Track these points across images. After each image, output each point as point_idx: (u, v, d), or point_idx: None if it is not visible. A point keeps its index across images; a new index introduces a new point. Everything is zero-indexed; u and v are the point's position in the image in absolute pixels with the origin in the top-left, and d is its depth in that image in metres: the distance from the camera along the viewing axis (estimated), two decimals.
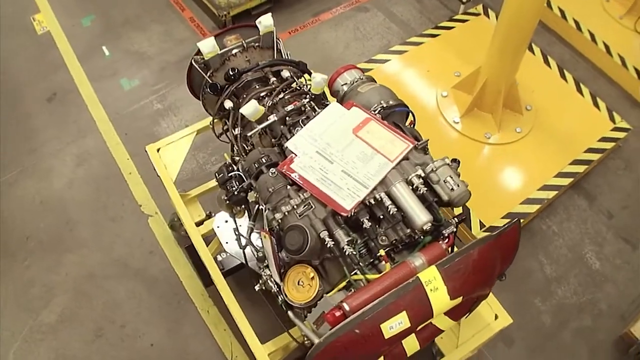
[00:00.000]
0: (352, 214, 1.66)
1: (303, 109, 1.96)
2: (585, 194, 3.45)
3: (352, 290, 1.66)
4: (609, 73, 3.92)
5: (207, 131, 2.85)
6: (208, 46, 2.11)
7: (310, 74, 2.25)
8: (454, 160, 1.82)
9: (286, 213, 1.70)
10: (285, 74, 2.17)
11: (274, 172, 1.78)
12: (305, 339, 1.81)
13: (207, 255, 2.43)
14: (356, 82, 1.99)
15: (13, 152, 3.61)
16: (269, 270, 1.84)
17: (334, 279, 1.73)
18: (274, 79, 2.12)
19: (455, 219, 1.81)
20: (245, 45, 2.22)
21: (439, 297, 1.54)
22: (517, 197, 3.23)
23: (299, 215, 1.68)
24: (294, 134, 1.86)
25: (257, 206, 1.89)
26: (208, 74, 2.21)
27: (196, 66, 2.22)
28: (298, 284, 1.77)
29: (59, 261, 3.21)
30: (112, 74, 4.05)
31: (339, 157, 1.75)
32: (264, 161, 1.81)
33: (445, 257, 1.59)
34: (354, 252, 1.63)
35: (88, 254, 3.25)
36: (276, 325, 2.08)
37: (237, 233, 1.94)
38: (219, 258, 2.69)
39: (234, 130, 2.05)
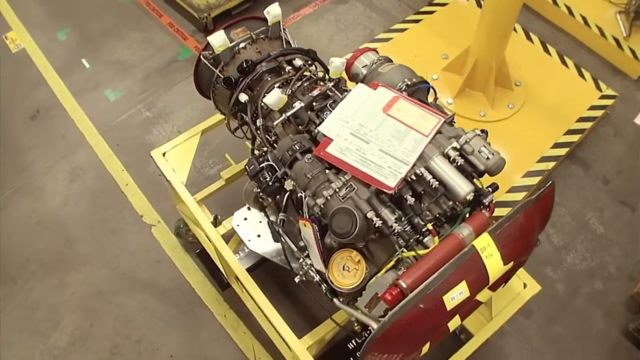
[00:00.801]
0: (396, 191, 1.65)
1: (329, 93, 1.94)
2: (581, 163, 3.54)
3: (401, 269, 1.65)
4: (588, 44, 4.04)
5: (204, 134, 2.81)
6: (219, 39, 2.06)
7: (319, 61, 2.23)
8: (482, 130, 1.83)
9: (328, 197, 1.67)
10: (298, 62, 2.15)
11: (310, 158, 1.76)
12: (356, 324, 1.79)
13: (230, 255, 2.38)
14: (375, 63, 1.98)
15: (2, 174, 3.47)
16: (310, 259, 1.82)
17: (379, 260, 1.72)
18: (290, 67, 2.10)
19: (489, 188, 1.82)
20: (254, 37, 2.19)
21: (494, 264, 1.55)
22: (519, 171, 3.29)
23: (342, 199, 1.66)
24: (322, 119, 1.84)
25: (286, 196, 1.86)
26: (219, 68, 2.17)
27: (206, 62, 2.17)
28: (343, 269, 1.75)
29: (63, 281, 3.10)
30: (95, 86, 3.94)
31: (373, 136, 1.74)
32: (298, 148, 1.78)
33: (492, 224, 1.61)
34: (404, 229, 1.62)
35: (93, 271, 3.14)
36: (301, 322, 2.05)
37: (273, 227, 1.90)
38: (237, 258, 2.65)
39: (256, 122, 2.02)
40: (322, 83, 2.05)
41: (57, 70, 3.99)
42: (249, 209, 2.53)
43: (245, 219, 2.50)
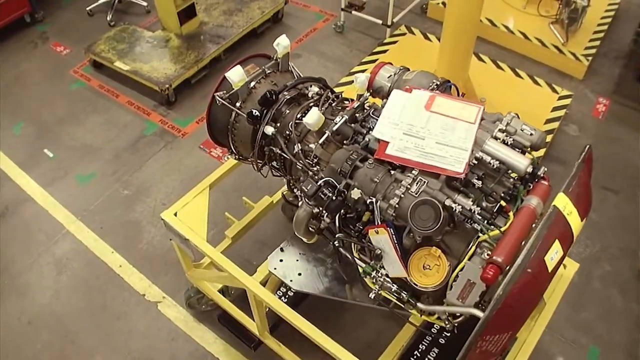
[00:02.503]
0: (465, 176, 1.68)
1: (367, 105, 1.97)
2: (557, 160, 3.75)
3: (483, 253, 1.65)
4: (532, 56, 4.40)
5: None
6: (237, 74, 2.06)
7: (330, 87, 2.27)
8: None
9: (401, 195, 1.66)
10: (315, 89, 2.19)
11: (371, 163, 1.76)
12: (447, 320, 1.75)
13: (274, 299, 2.27)
14: (397, 73, 2.05)
15: None
16: (384, 269, 1.78)
17: (457, 251, 1.70)
18: (313, 91, 2.13)
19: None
20: (266, 71, 2.21)
21: (574, 220, 1.59)
22: None
23: (416, 194, 1.66)
24: (369, 128, 1.86)
25: (339, 213, 1.83)
26: (237, 106, 2.15)
27: (223, 101, 2.14)
28: (424, 268, 1.72)
29: None
30: (64, 174, 3.75)
31: (426, 132, 1.77)
32: (356, 156, 1.77)
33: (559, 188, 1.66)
34: (482, 210, 1.64)
35: None
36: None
37: (338, 247, 1.85)
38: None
39: (292, 150, 1.99)
40: (346, 102, 2.08)
41: (19, 165, 3.77)
42: (281, 250, 2.45)
43: (281, 260, 2.42)
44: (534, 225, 1.66)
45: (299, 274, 2.35)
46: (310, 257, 2.43)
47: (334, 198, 1.76)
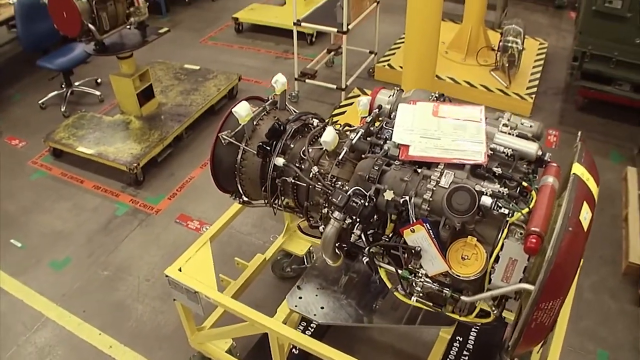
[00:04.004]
0: (486, 163, 1.79)
1: (379, 119, 2.07)
2: None
3: (515, 234, 1.72)
4: (479, 101, 4.70)
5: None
6: (244, 109, 2.11)
7: (324, 120, 2.37)
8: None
9: (433, 189, 1.74)
10: (315, 120, 2.28)
11: (398, 165, 1.83)
12: (493, 306, 1.77)
13: (301, 335, 2.20)
14: (395, 93, 2.19)
15: None
16: (423, 269, 1.81)
17: (490, 237, 1.76)
18: (315, 122, 2.21)
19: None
20: (267, 108, 2.29)
21: (592, 185, 1.71)
22: None
23: (447, 186, 1.73)
24: (385, 138, 1.95)
25: (366, 226, 1.87)
26: (244, 143, 2.19)
27: (229, 139, 2.17)
28: (462, 259, 1.76)
29: None
30: (36, 262, 3.54)
31: (440, 133, 1.88)
32: (382, 162, 1.84)
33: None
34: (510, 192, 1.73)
35: None
36: None
37: (373, 255, 1.88)
38: None
39: (307, 173, 2.04)
40: (351, 127, 2.18)
41: None
42: (298, 288, 2.42)
43: (300, 297, 2.37)
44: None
45: (322, 308, 2.31)
46: (329, 291, 2.40)
47: (366, 205, 1.80)
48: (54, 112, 5.02)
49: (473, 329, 2.78)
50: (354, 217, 1.83)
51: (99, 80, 5.45)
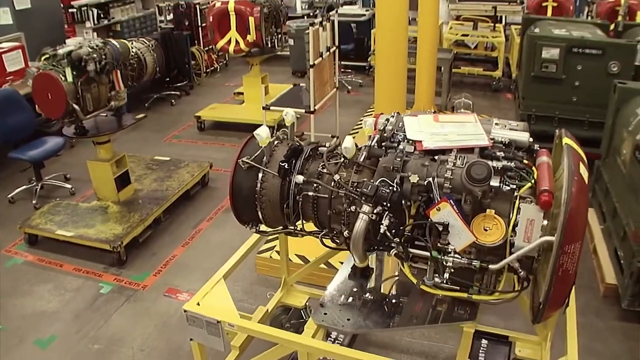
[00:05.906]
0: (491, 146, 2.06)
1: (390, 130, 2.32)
2: None
3: (526, 202, 1.96)
4: None
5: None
6: (265, 132, 2.30)
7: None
8: None
9: (452, 169, 1.97)
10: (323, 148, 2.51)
11: (417, 156, 2.06)
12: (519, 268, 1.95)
13: (335, 347, 2.24)
14: (394, 115, 2.46)
15: None
16: (452, 244, 1.98)
17: (505, 210, 1.98)
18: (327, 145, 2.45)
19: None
20: (281, 137, 2.50)
21: (580, 150, 2.00)
22: None
23: (462, 166, 1.97)
24: (397, 141, 2.19)
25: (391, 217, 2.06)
26: (264, 165, 2.36)
27: (249, 162, 2.34)
28: (485, 230, 1.96)
29: None
30: (19, 341, 3.34)
31: (447, 131, 2.16)
32: (403, 154, 2.07)
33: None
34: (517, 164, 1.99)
35: None
36: None
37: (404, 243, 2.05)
38: None
39: (331, 182, 2.22)
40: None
41: None
42: (321, 305, 2.47)
43: (325, 313, 2.42)
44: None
45: (348, 319, 2.37)
46: (353, 304, 2.46)
47: (394, 190, 2.00)
48: (24, 205, 4.97)
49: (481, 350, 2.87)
50: (385, 204, 2.01)
51: (68, 176, 5.48)
